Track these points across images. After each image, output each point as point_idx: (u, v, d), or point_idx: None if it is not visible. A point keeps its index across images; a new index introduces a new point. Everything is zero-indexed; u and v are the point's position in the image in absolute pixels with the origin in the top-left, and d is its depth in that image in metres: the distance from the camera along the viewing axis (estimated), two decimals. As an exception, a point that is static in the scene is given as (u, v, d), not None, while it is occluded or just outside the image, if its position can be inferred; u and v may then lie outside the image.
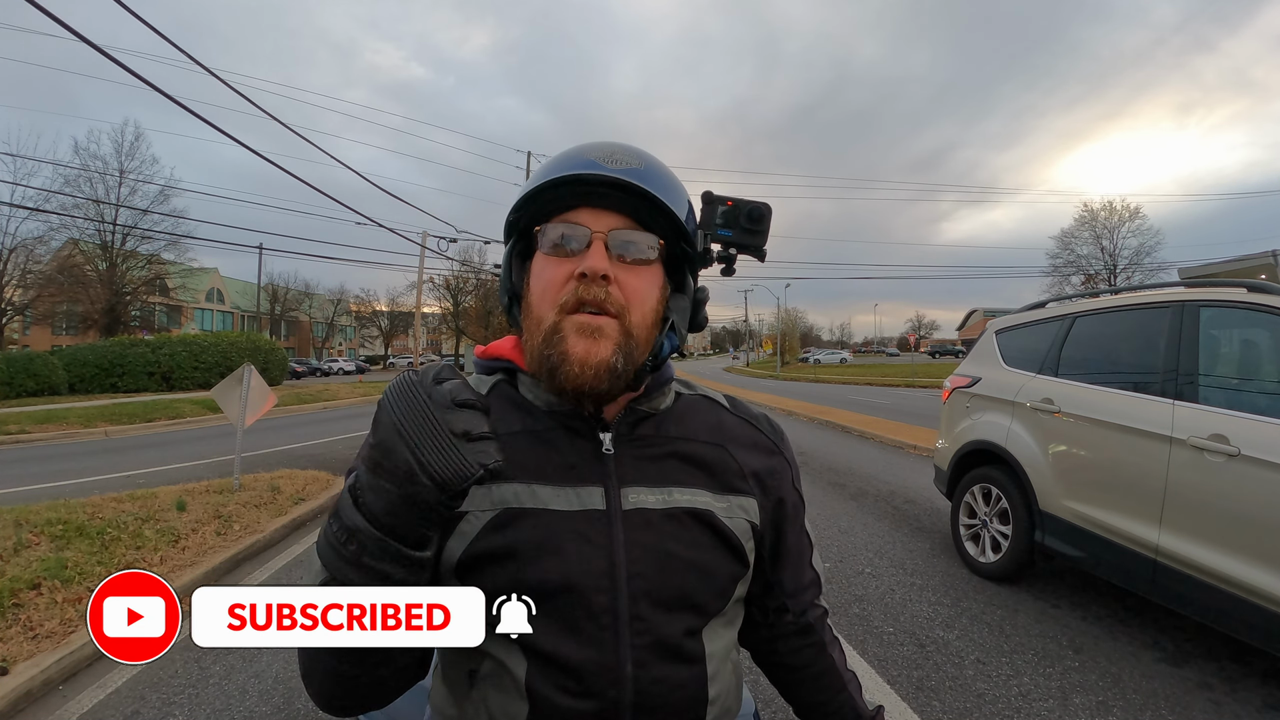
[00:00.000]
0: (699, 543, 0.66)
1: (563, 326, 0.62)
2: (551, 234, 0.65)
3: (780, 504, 0.76)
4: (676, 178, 0.70)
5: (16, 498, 5.62)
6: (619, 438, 0.68)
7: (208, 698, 2.49)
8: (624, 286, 0.64)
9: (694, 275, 0.74)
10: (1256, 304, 2.63)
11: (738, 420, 0.77)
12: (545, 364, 0.63)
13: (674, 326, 0.70)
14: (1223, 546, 2.45)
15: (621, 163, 0.64)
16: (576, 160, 0.65)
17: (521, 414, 0.69)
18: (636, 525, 0.64)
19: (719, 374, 46.34)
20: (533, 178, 0.68)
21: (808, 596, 0.79)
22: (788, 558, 0.77)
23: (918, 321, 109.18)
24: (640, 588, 0.62)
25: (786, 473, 0.77)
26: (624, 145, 0.68)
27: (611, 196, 0.64)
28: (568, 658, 0.60)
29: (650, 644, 0.62)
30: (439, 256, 31.93)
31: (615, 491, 0.65)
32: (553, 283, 0.64)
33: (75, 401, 16.06)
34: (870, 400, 17.93)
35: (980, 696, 2.46)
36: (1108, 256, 40.98)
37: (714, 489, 0.70)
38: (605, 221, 0.64)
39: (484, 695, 0.62)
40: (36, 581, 3.23)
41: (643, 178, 0.64)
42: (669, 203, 0.65)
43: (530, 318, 0.66)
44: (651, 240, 0.66)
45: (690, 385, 0.80)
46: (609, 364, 0.62)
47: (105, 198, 29.48)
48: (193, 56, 7.28)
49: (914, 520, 5.08)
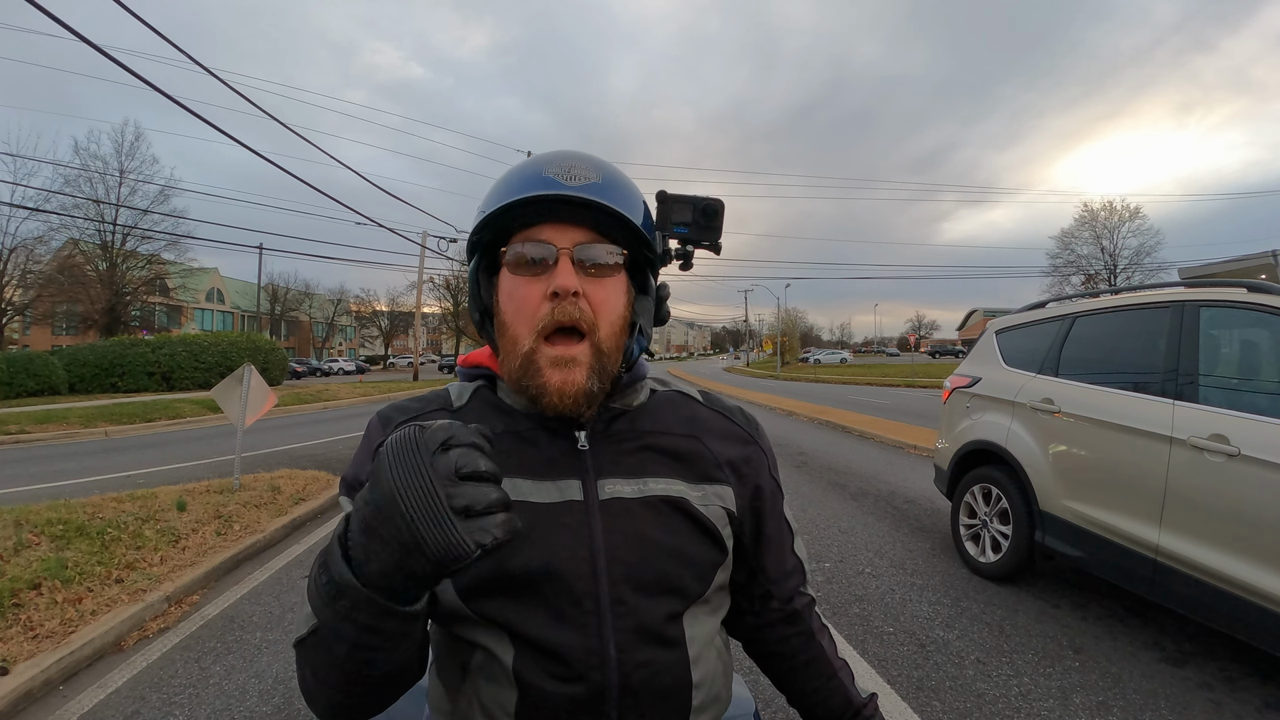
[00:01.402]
0: (676, 529, 0.68)
1: (538, 359, 0.64)
2: (517, 252, 0.66)
3: (758, 491, 0.78)
4: (632, 183, 0.72)
5: (16, 498, 5.62)
6: (594, 435, 0.71)
7: (208, 698, 2.49)
8: (592, 299, 0.65)
9: (655, 275, 0.77)
10: (1256, 304, 2.63)
11: (711, 413, 0.80)
12: (525, 392, 0.66)
13: (641, 329, 0.73)
14: (1223, 546, 2.45)
15: (580, 178, 0.65)
16: (534, 178, 0.65)
17: (503, 416, 0.72)
18: (614, 513, 0.67)
19: (719, 374, 46.33)
20: (491, 196, 0.69)
21: (792, 583, 0.81)
22: (768, 544, 0.79)
23: (918, 321, 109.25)
24: (620, 573, 0.64)
25: (762, 461, 0.80)
26: (579, 156, 0.69)
27: (573, 212, 0.66)
28: (553, 643, 0.61)
29: (632, 628, 0.63)
30: (439, 256, 31.96)
31: (592, 483, 0.68)
32: (525, 303, 0.65)
33: (75, 401, 16.05)
34: (870, 400, 17.93)
35: (980, 696, 2.46)
36: (1108, 256, 41.02)
37: (689, 478, 0.72)
38: (569, 236, 0.66)
39: (476, 686, 0.64)
40: (36, 581, 3.24)
41: (601, 192, 0.65)
42: (629, 213, 0.67)
43: (505, 337, 0.68)
44: (615, 250, 0.68)
45: (665, 382, 0.83)
46: (585, 390, 0.65)
47: (105, 198, 29.52)
48: (192, 56, 7.28)
49: (914, 520, 5.08)
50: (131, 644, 2.98)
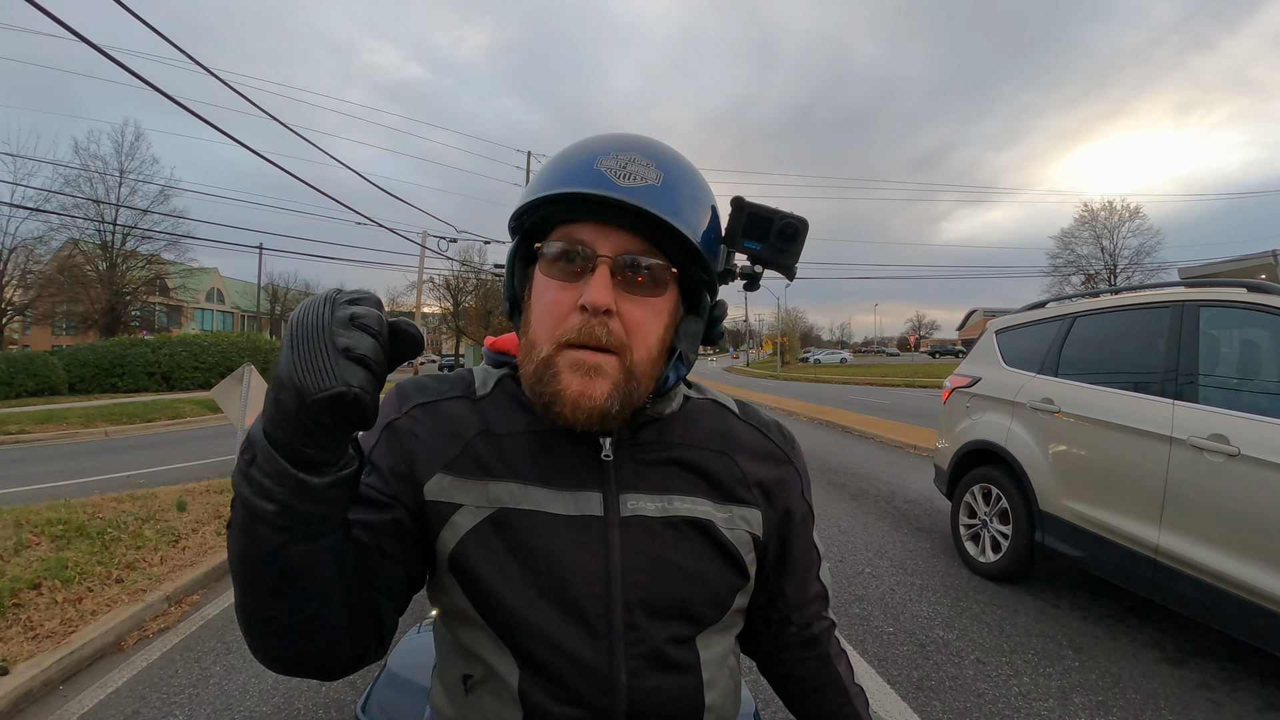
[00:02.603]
0: (698, 553, 0.65)
1: (557, 361, 0.58)
2: (552, 251, 0.60)
3: (788, 515, 0.73)
4: (703, 186, 0.64)
5: (16, 498, 5.62)
6: (620, 442, 0.66)
7: (208, 698, 2.49)
8: (627, 319, 0.58)
9: (712, 294, 0.68)
10: (1256, 304, 2.63)
11: (747, 427, 0.74)
12: (539, 399, 0.60)
13: (682, 355, 0.66)
14: (1223, 546, 2.45)
15: (637, 177, 0.57)
16: (584, 170, 0.58)
17: (524, 413, 0.66)
18: (635, 532, 0.63)
19: (719, 374, 46.33)
20: (536, 181, 0.62)
21: (813, 609, 0.77)
22: (793, 570, 0.75)
23: (918, 321, 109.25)
24: (636, 596, 0.61)
25: (796, 483, 0.74)
26: (642, 146, 0.61)
27: (622, 214, 0.58)
28: (560, 665, 0.59)
29: (645, 653, 0.60)
30: (439, 256, 31.92)
31: (614, 498, 0.63)
32: (553, 309, 0.59)
33: (75, 401, 16.05)
34: (870, 400, 17.93)
35: (980, 696, 2.46)
36: (1108, 256, 41.01)
37: (716, 498, 0.67)
38: (613, 242, 0.58)
39: (479, 700, 0.62)
40: (36, 581, 3.24)
41: (658, 197, 0.57)
42: (688, 224, 0.59)
43: (526, 337, 0.63)
44: (663, 266, 0.60)
45: (700, 389, 0.76)
46: (603, 409, 0.57)
47: (105, 198, 29.46)
48: (192, 56, 7.28)
49: (914, 520, 5.08)
50: (131, 644, 2.98)
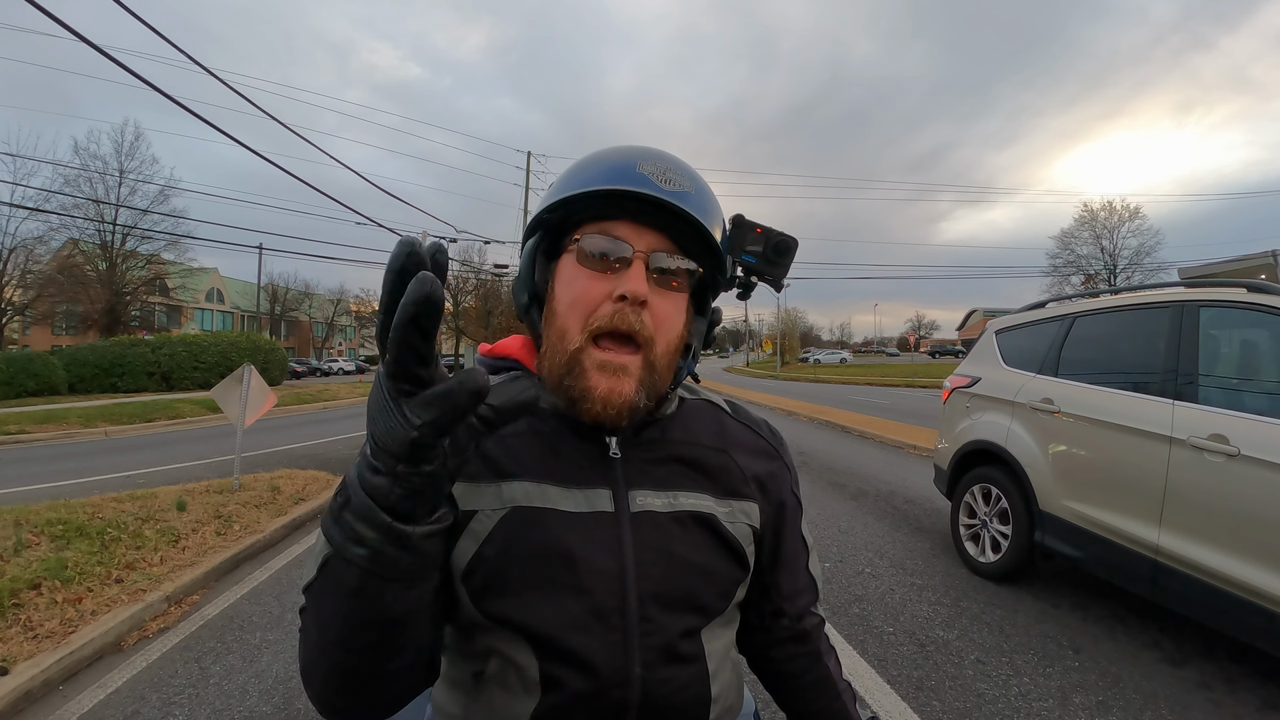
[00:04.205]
0: (703, 546, 0.67)
1: (584, 360, 0.61)
2: (591, 245, 0.62)
3: (780, 508, 0.77)
4: (717, 201, 0.69)
5: (16, 498, 5.62)
6: (625, 441, 0.68)
7: (208, 698, 2.49)
8: (655, 312, 0.63)
9: (714, 298, 0.75)
10: (1256, 304, 2.63)
11: (740, 425, 0.78)
12: (565, 393, 0.62)
13: (693, 352, 0.71)
14: (1223, 546, 2.45)
15: (676, 184, 0.62)
16: (627, 171, 0.62)
17: (530, 415, 0.67)
18: (644, 527, 0.65)
19: (719, 374, 46.33)
20: (574, 178, 0.65)
21: (803, 601, 0.80)
22: (785, 562, 0.78)
23: (917, 321, 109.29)
24: (649, 589, 0.63)
25: (786, 477, 0.79)
26: (674, 159, 0.66)
27: (657, 215, 0.63)
28: (576, 659, 0.60)
29: (658, 645, 0.62)
30: (439, 256, 31.79)
31: (623, 494, 0.65)
32: (585, 297, 0.62)
33: (75, 401, 16.05)
34: (870, 400, 17.93)
35: (980, 696, 2.46)
36: (1108, 256, 41.02)
37: (717, 493, 0.70)
38: (647, 241, 0.63)
39: (490, 696, 0.62)
40: (36, 581, 3.24)
41: (694, 203, 0.63)
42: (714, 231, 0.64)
43: (553, 327, 0.64)
44: (689, 266, 0.65)
45: (693, 389, 0.81)
46: (631, 403, 0.61)
47: (105, 198, 29.47)
48: (192, 56, 7.28)
49: (914, 520, 5.08)
50: (131, 644, 2.98)
